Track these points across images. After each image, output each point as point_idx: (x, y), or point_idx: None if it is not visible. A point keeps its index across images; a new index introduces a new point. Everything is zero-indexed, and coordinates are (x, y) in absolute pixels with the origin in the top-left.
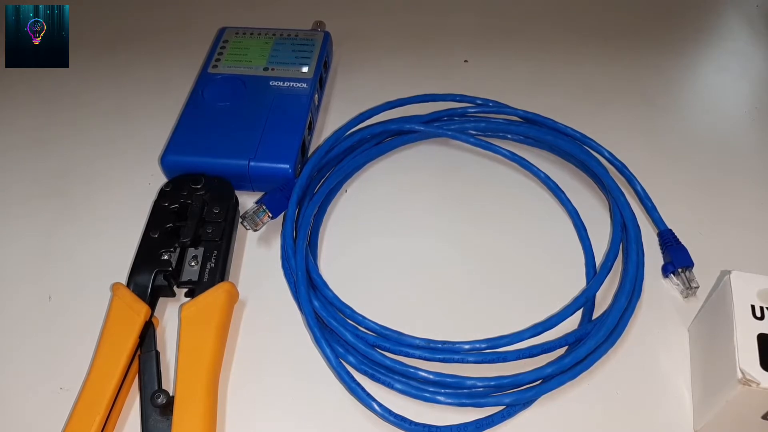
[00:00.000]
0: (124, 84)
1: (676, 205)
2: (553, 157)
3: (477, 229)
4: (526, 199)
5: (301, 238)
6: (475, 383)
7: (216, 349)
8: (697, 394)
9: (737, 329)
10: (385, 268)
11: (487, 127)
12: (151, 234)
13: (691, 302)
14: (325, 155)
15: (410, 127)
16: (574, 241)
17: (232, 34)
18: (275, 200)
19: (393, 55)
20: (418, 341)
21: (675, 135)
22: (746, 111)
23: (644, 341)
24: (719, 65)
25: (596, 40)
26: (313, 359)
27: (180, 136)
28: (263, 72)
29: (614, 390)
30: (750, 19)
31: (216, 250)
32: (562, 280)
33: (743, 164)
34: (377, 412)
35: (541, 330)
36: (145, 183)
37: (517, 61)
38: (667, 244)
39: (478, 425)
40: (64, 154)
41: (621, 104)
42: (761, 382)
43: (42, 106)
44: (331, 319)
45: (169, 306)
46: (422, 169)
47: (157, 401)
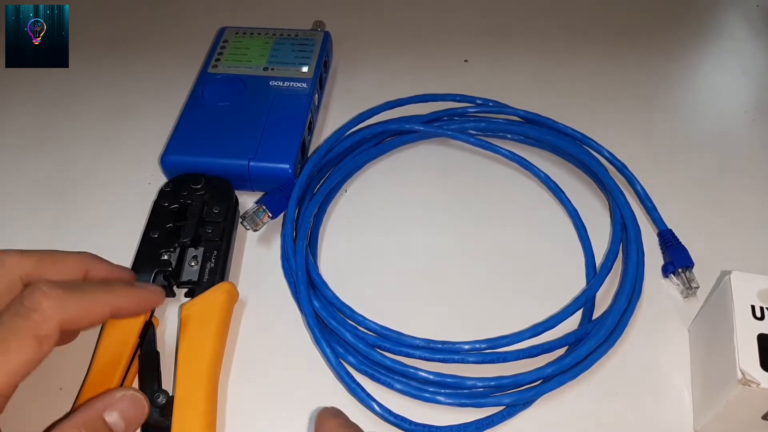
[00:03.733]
0: (124, 84)
1: (676, 205)
2: (553, 157)
3: (477, 228)
4: (526, 199)
5: (301, 238)
6: (475, 383)
7: (216, 349)
8: (697, 395)
9: (737, 329)
10: (385, 268)
11: (487, 127)
12: (151, 234)
13: (691, 302)
14: (325, 155)
15: (410, 127)
16: (574, 241)
17: (232, 34)
18: (275, 200)
19: (393, 55)
20: (418, 341)
21: (675, 135)
22: (746, 111)
23: (644, 341)
24: (719, 65)
25: (596, 40)
26: (313, 359)
27: (180, 136)
28: (263, 72)
29: (614, 390)
30: (750, 19)
31: (216, 250)
32: (562, 281)
33: (743, 164)
34: (377, 412)
35: (541, 330)
36: (145, 183)
37: (517, 61)
38: (667, 244)
39: (478, 425)
40: (64, 154)
41: (621, 104)
42: (761, 382)
43: (42, 106)
44: (331, 319)
45: (169, 306)
46: (422, 169)
47: (157, 401)
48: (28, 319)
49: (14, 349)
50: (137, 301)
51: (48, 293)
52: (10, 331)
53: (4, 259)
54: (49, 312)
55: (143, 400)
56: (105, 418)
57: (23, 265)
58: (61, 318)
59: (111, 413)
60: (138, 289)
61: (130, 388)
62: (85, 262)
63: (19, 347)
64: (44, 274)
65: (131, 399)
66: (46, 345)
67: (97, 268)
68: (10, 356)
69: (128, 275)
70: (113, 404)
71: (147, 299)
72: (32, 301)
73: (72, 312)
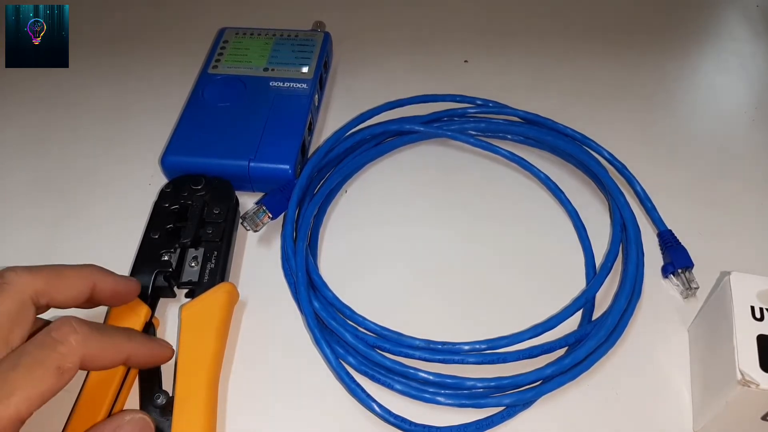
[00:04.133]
0: (124, 84)
1: (676, 205)
2: (553, 157)
3: (477, 229)
4: (526, 199)
5: (301, 238)
6: (475, 384)
7: (216, 350)
8: (696, 395)
9: (737, 330)
10: (385, 268)
11: (487, 127)
12: (151, 235)
13: (691, 303)
14: (325, 156)
15: (410, 128)
16: (574, 241)
17: (232, 35)
18: (275, 201)
19: (393, 55)
20: (418, 342)
21: (675, 135)
22: (746, 111)
23: (644, 342)
24: (719, 65)
25: (596, 40)
26: (313, 360)
27: (180, 137)
28: (263, 72)
29: (614, 391)
30: (750, 19)
31: (216, 250)
32: (562, 281)
33: (743, 164)
34: (377, 412)
35: (541, 331)
36: (146, 184)
37: (517, 61)
38: (667, 244)
39: (478, 426)
40: (64, 155)
41: (621, 104)
42: (761, 383)
43: (42, 106)
44: (331, 319)
45: (170, 307)
46: (422, 169)
47: (157, 402)
48: (54, 351)
49: (38, 377)
50: (150, 353)
51: (76, 329)
52: (37, 361)
53: (14, 279)
54: (75, 346)
55: (151, 423)
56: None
57: (34, 284)
58: (83, 354)
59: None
60: (153, 341)
61: (139, 411)
62: (93, 277)
63: (42, 376)
64: (53, 293)
65: (140, 422)
66: (66, 377)
67: (104, 281)
68: (34, 384)
69: (134, 286)
70: (122, 427)
71: (160, 354)
72: (60, 334)
73: (94, 351)
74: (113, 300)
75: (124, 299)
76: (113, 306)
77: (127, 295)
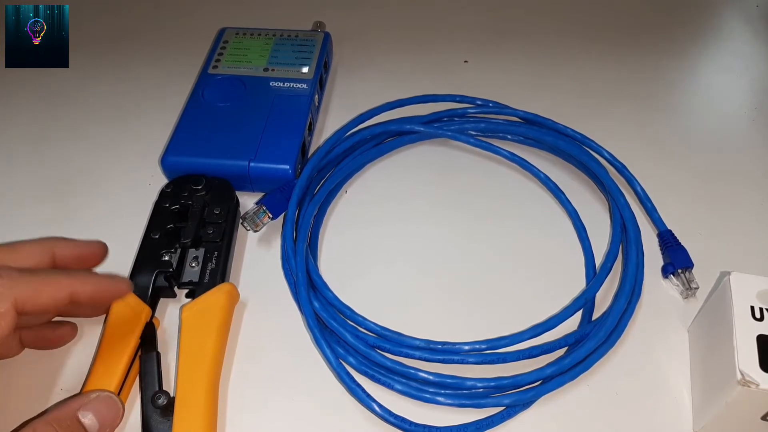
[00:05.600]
0: (125, 84)
1: (676, 205)
2: (553, 157)
3: (477, 229)
4: (526, 199)
5: (301, 239)
6: (475, 384)
7: (216, 350)
8: (696, 395)
9: (737, 330)
10: (385, 268)
11: (487, 127)
12: (151, 235)
13: (690, 303)
14: (325, 156)
15: (410, 128)
16: (573, 241)
17: (232, 35)
18: (275, 201)
19: (393, 55)
20: (418, 342)
21: (675, 135)
22: (746, 111)
23: (644, 342)
24: (719, 65)
25: (596, 40)
26: (314, 360)
27: (180, 137)
28: (263, 72)
29: (614, 391)
30: (750, 19)
31: (217, 251)
32: (562, 281)
33: (743, 165)
34: (377, 412)
35: (541, 331)
36: (146, 184)
37: (517, 61)
38: (666, 244)
39: (478, 426)
40: (64, 155)
41: (621, 104)
42: (761, 383)
43: (42, 106)
44: (331, 320)
45: (170, 307)
46: (422, 169)
47: (158, 402)
48: None
49: None
50: (95, 285)
51: (2, 274)
52: None
53: None
54: (2, 291)
55: (118, 402)
56: (79, 418)
57: None
58: (15, 297)
59: (86, 413)
60: (101, 276)
61: (105, 390)
62: (50, 245)
63: None
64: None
65: (106, 400)
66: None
67: (63, 247)
68: None
69: (97, 247)
70: (88, 404)
71: (107, 284)
72: None
73: (27, 292)
74: (81, 263)
75: (91, 261)
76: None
77: (93, 257)
